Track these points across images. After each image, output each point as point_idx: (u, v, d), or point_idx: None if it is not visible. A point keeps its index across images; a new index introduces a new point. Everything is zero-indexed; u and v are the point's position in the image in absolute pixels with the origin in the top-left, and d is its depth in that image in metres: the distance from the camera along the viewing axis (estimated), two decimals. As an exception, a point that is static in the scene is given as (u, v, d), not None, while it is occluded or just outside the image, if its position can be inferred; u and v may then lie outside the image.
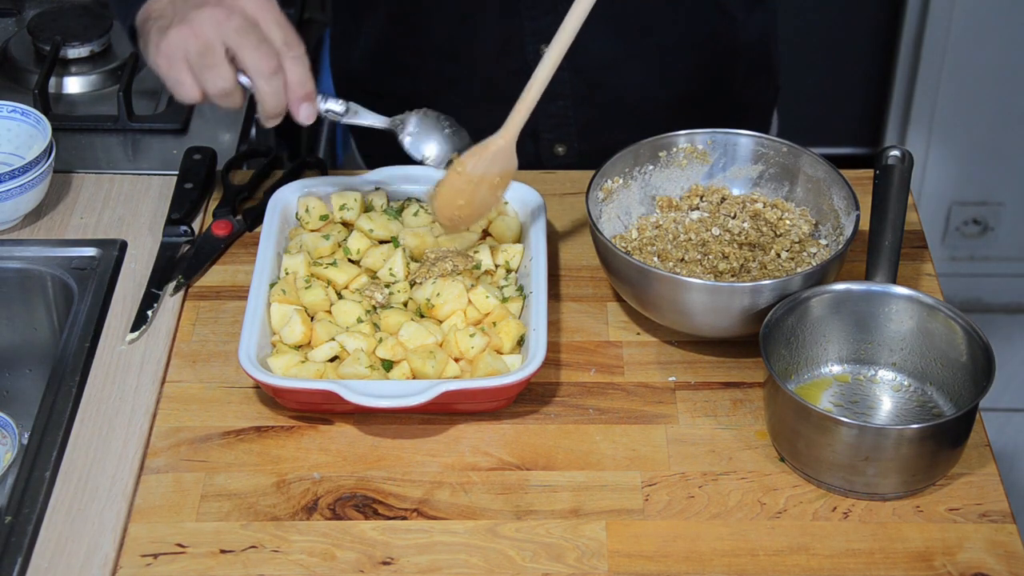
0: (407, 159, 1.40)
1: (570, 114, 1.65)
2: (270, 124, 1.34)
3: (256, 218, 1.51)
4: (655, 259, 1.39)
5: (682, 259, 1.39)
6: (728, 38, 1.67)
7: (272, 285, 1.38)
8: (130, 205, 1.55)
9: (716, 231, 1.42)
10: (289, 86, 1.31)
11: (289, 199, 1.48)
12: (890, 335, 1.33)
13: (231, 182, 1.56)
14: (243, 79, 1.31)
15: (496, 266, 1.40)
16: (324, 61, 2.22)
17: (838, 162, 1.44)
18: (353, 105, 1.37)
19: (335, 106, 1.36)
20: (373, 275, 1.40)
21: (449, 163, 1.36)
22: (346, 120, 1.37)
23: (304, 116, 1.33)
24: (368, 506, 1.24)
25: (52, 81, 1.74)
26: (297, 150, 2.01)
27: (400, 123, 1.37)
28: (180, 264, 1.47)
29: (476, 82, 1.57)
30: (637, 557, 1.20)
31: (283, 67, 1.30)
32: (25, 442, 1.35)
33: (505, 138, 1.35)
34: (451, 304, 1.35)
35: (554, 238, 1.50)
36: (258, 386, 1.34)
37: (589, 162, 1.53)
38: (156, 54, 1.31)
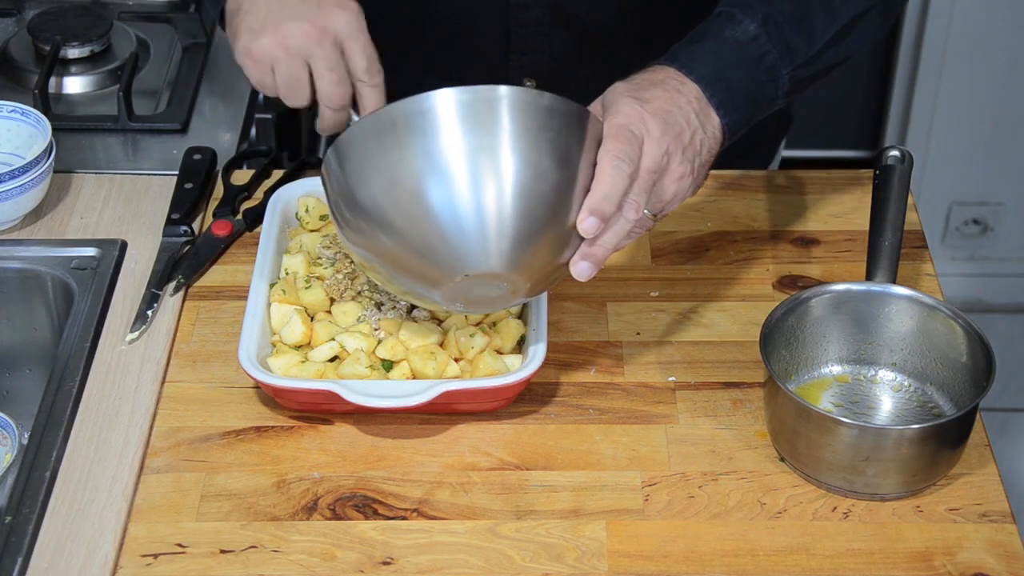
0: None
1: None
2: (324, 134, 1.39)
3: (256, 218, 1.51)
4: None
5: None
6: None
7: (272, 285, 1.38)
8: (130, 205, 1.55)
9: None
10: (362, 111, 1.36)
11: (289, 199, 1.48)
12: (890, 335, 1.33)
13: (231, 182, 1.56)
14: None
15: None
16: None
17: (838, 163, 1.44)
18: None
19: None
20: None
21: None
22: None
23: None
24: (368, 506, 1.24)
25: (52, 81, 1.74)
26: (297, 150, 2.01)
27: None
28: (180, 264, 1.47)
29: None
30: (637, 557, 1.20)
31: (360, 94, 1.35)
32: (25, 442, 1.35)
33: None
34: (451, 304, 1.34)
35: (554, 238, 1.50)
36: (258, 386, 1.34)
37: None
38: (245, 55, 1.34)
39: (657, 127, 1.21)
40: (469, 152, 1.16)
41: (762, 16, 1.28)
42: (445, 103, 1.17)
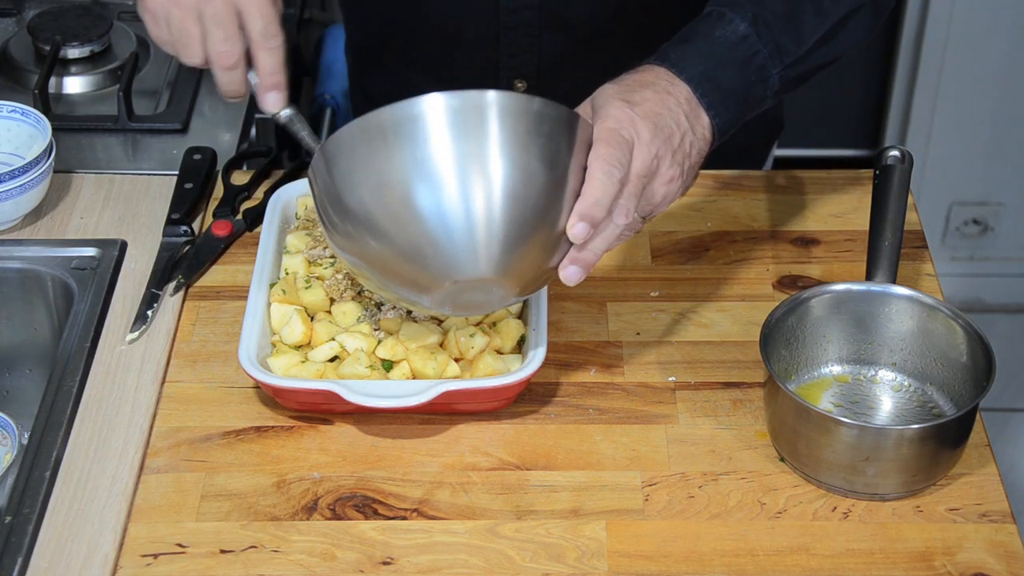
0: None
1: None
2: (229, 101, 1.38)
3: (256, 218, 1.51)
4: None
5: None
6: None
7: (272, 285, 1.38)
8: (130, 205, 1.55)
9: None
10: (260, 75, 1.33)
11: (289, 199, 1.48)
12: (890, 335, 1.33)
13: (231, 182, 1.56)
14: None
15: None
16: (325, 60, 2.22)
17: (839, 165, 1.44)
18: (299, 116, 1.36)
19: (286, 109, 1.35)
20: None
21: None
22: (288, 126, 1.36)
23: (271, 104, 1.34)
24: (368, 506, 1.24)
25: (52, 81, 1.74)
26: (297, 150, 2.01)
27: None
28: (180, 264, 1.47)
29: None
30: (637, 557, 1.20)
31: (255, 56, 1.32)
32: (25, 442, 1.35)
33: None
34: (451, 304, 1.34)
35: (554, 238, 1.50)
36: (258, 386, 1.34)
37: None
38: (143, 8, 1.33)
39: (647, 130, 1.21)
40: (458, 158, 1.16)
41: (752, 15, 1.28)
42: (434, 108, 1.17)
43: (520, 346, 1.34)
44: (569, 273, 1.20)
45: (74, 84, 1.78)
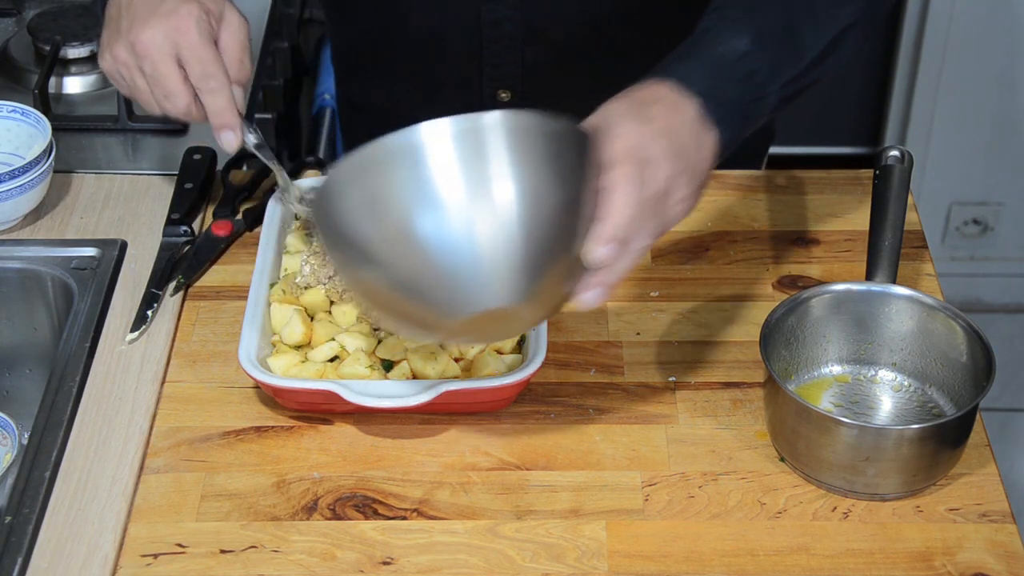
0: None
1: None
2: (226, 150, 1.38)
3: (256, 218, 1.51)
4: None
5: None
6: None
7: (272, 285, 1.38)
8: (130, 205, 1.55)
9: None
10: (209, 117, 1.34)
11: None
12: (890, 335, 1.33)
13: (231, 182, 1.56)
14: None
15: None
16: (325, 60, 2.22)
17: (838, 162, 1.44)
18: (263, 146, 1.39)
19: (251, 138, 1.38)
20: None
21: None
22: (257, 152, 1.40)
23: (226, 144, 1.35)
24: (368, 506, 1.24)
25: (52, 81, 1.74)
26: (297, 150, 2.01)
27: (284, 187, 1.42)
28: (180, 264, 1.47)
29: (437, 111, 1.47)
30: (637, 557, 1.20)
31: (201, 100, 1.33)
32: (25, 442, 1.35)
33: None
34: (451, 304, 1.34)
35: (554, 238, 1.50)
36: (258, 386, 1.34)
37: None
38: (102, 67, 1.36)
39: (662, 149, 1.17)
40: (465, 184, 1.11)
41: (754, 31, 1.25)
42: (437, 135, 1.12)
43: (520, 346, 1.34)
44: (590, 297, 1.16)
45: (74, 84, 1.78)
